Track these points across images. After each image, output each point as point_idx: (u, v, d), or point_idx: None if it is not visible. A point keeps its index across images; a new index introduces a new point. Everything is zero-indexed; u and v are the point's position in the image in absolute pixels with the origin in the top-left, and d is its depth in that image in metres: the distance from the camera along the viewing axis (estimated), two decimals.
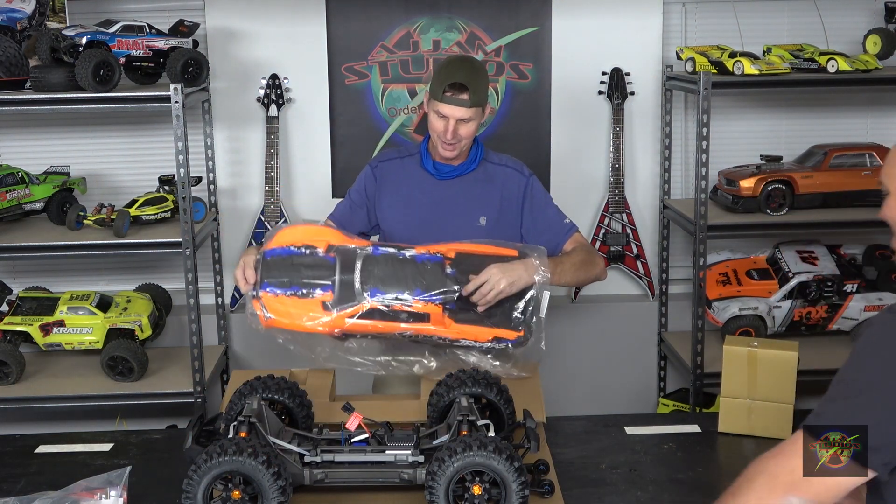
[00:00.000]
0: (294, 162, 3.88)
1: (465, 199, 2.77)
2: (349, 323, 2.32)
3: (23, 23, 3.42)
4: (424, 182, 2.79)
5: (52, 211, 3.56)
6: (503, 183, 2.80)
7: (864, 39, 3.61)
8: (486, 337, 2.38)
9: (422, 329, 2.35)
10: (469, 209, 2.76)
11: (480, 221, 2.76)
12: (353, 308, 2.32)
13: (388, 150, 2.93)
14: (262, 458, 1.88)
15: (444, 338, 2.37)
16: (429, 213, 2.76)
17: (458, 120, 2.64)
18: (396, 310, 2.33)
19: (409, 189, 2.79)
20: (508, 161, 2.85)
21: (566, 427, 2.49)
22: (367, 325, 2.34)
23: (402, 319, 2.34)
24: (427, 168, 2.79)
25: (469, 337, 2.37)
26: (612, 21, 3.81)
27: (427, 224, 2.73)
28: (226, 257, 3.92)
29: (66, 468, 2.30)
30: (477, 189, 2.78)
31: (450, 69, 2.67)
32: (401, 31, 3.81)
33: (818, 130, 3.93)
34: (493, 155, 2.86)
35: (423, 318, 2.34)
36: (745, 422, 2.42)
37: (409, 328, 2.35)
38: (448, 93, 2.63)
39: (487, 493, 1.91)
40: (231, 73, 3.79)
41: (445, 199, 2.77)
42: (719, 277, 3.71)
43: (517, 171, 2.83)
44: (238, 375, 2.50)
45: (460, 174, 2.78)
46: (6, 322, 3.48)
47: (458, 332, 2.36)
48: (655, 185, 3.95)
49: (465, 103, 2.63)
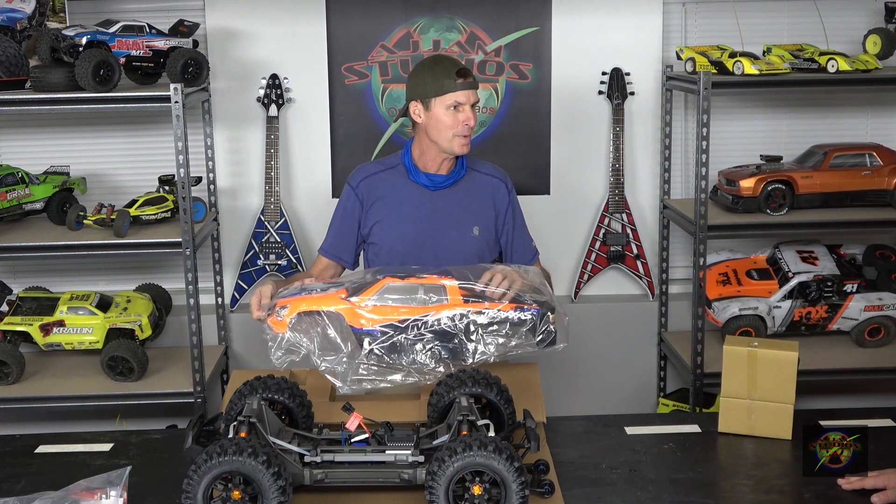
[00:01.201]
0: (294, 162, 3.89)
1: (459, 209, 2.75)
2: (369, 305, 2.23)
3: (23, 23, 3.42)
4: (416, 196, 2.75)
5: (52, 211, 3.56)
6: (491, 192, 2.80)
7: (864, 39, 3.61)
8: (509, 307, 2.26)
9: (440, 308, 2.23)
10: (463, 220, 2.75)
11: (474, 231, 2.74)
12: (370, 287, 2.25)
13: (367, 165, 2.86)
14: (262, 458, 1.88)
15: (465, 312, 2.24)
16: (424, 227, 2.73)
17: (474, 105, 2.67)
18: (413, 283, 2.24)
19: (399, 204, 2.75)
20: (493, 170, 2.84)
21: (566, 427, 2.49)
22: (387, 309, 2.23)
23: (419, 299, 2.23)
24: (420, 182, 2.75)
25: (492, 307, 2.25)
26: (612, 21, 3.81)
27: (423, 237, 2.71)
28: (226, 257, 3.92)
29: (66, 468, 2.30)
30: (468, 198, 2.76)
31: (443, 63, 2.68)
32: (401, 31, 3.81)
33: (818, 130, 3.94)
34: (477, 163, 2.85)
35: (439, 292, 2.24)
36: (745, 422, 2.42)
37: (427, 309, 2.22)
38: (460, 80, 2.63)
39: (487, 493, 1.91)
40: (231, 73, 3.79)
41: (439, 211, 2.74)
42: (719, 277, 3.71)
43: (502, 182, 2.83)
44: (238, 375, 2.50)
45: (453, 182, 2.76)
46: (6, 322, 3.48)
47: (479, 305, 2.25)
48: (655, 185, 3.95)
49: (475, 85, 2.67)
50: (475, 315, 2.23)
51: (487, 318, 2.23)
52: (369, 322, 2.21)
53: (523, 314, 2.25)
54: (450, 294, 2.23)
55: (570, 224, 3.94)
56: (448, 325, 2.22)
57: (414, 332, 2.21)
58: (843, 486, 2.14)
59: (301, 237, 3.89)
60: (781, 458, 2.31)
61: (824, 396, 3.72)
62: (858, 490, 2.12)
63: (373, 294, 2.23)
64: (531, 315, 2.25)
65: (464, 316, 2.22)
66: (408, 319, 2.21)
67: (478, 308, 2.23)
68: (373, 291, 2.23)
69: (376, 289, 2.24)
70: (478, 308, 2.23)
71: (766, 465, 2.28)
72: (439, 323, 2.21)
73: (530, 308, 2.25)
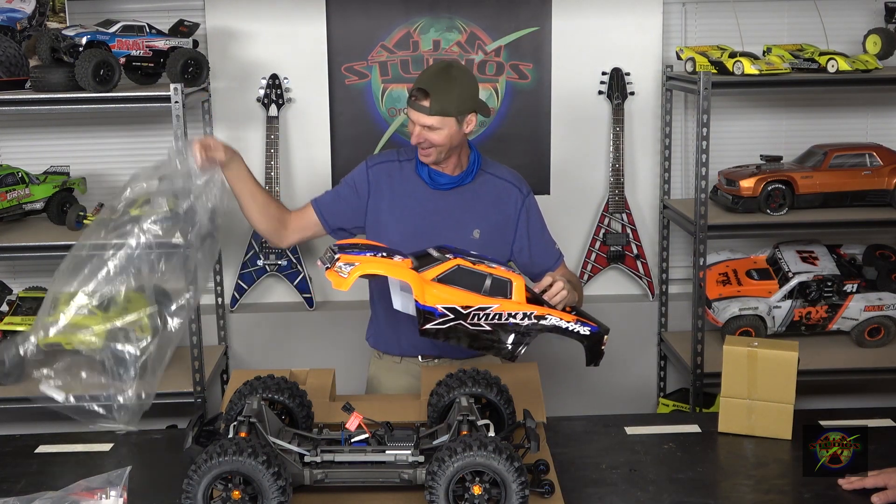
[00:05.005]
0: (294, 162, 3.89)
1: (461, 211, 2.73)
2: (437, 283, 2.16)
3: (23, 23, 3.42)
4: (418, 190, 2.74)
5: (52, 211, 3.56)
6: (500, 197, 2.76)
7: (864, 39, 3.61)
8: (571, 318, 2.25)
9: (505, 304, 2.19)
10: (463, 222, 2.72)
11: (474, 235, 2.71)
12: (440, 265, 2.19)
13: (388, 151, 2.88)
14: (262, 458, 1.88)
15: (529, 314, 2.21)
16: (422, 223, 2.71)
17: (424, 126, 2.60)
18: (481, 271, 2.19)
19: (403, 196, 2.74)
20: (508, 175, 2.80)
21: (566, 427, 2.49)
22: (455, 292, 2.17)
23: (485, 290, 2.19)
24: (422, 176, 2.73)
25: (555, 315, 2.23)
26: (612, 21, 3.81)
27: (420, 233, 2.66)
28: (226, 257, 3.92)
29: (66, 468, 2.30)
30: (472, 201, 2.74)
31: (423, 74, 2.64)
32: (401, 31, 3.81)
33: (818, 130, 3.94)
34: (495, 166, 2.81)
35: (504, 287, 2.20)
36: (745, 422, 2.42)
37: (491, 302, 2.17)
38: (412, 97, 2.60)
39: (487, 493, 1.91)
40: (231, 73, 3.79)
41: (440, 210, 2.72)
42: (719, 277, 3.71)
43: (516, 187, 2.78)
44: (238, 375, 2.50)
45: (457, 185, 2.73)
46: (6, 322, 3.48)
47: (544, 310, 2.22)
48: (655, 185, 3.95)
49: (424, 110, 2.57)
50: (539, 318, 2.21)
51: (550, 324, 2.21)
52: (435, 300, 2.15)
53: (583, 328, 2.25)
54: (515, 291, 2.20)
55: (570, 224, 3.94)
56: (510, 323, 2.18)
57: (474, 321, 2.17)
58: (844, 486, 2.14)
59: None
60: (781, 458, 2.32)
61: (824, 396, 3.72)
62: (858, 490, 2.12)
63: (442, 272, 2.18)
64: (589, 331, 2.25)
65: (526, 316, 2.20)
66: (470, 307, 2.16)
67: (544, 312, 2.21)
68: (442, 269, 2.17)
69: (446, 267, 2.18)
70: (544, 312, 2.21)
71: (766, 465, 2.28)
72: (501, 318, 2.18)
73: (590, 325, 2.25)
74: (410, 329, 2.80)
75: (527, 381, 2.53)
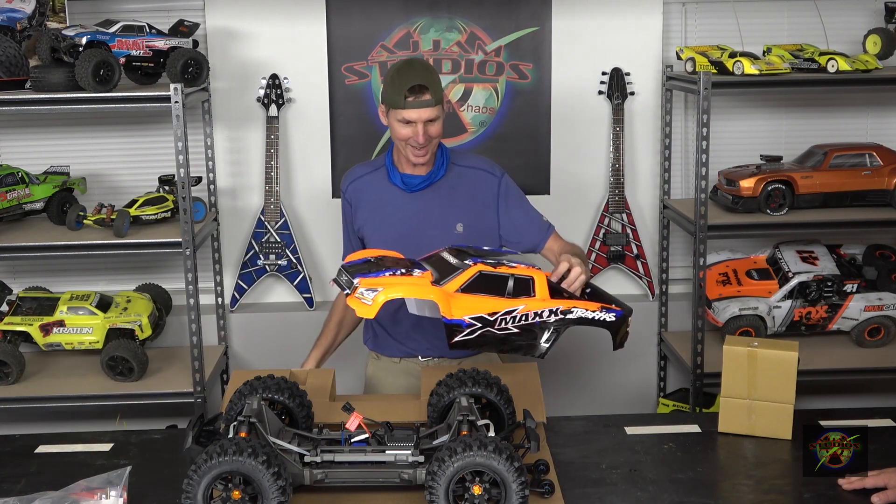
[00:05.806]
0: (294, 162, 3.89)
1: (440, 208, 2.74)
2: (461, 294, 2.14)
3: (23, 23, 3.42)
4: (395, 197, 2.76)
5: (52, 211, 3.56)
6: (475, 185, 2.77)
7: (864, 39, 3.61)
8: (595, 306, 2.23)
9: (530, 304, 2.17)
10: (444, 218, 2.73)
11: (458, 229, 2.72)
12: (461, 273, 2.16)
13: (356, 168, 2.88)
14: (262, 458, 1.88)
15: (554, 310, 2.19)
16: (405, 227, 2.73)
17: (426, 121, 2.62)
18: (503, 273, 2.17)
19: (382, 205, 2.76)
20: (478, 162, 2.82)
21: (566, 427, 2.49)
22: (478, 302, 2.15)
23: (508, 292, 2.17)
24: (395, 182, 2.75)
25: (580, 306, 2.21)
26: (612, 21, 3.81)
27: (405, 238, 2.68)
28: (226, 257, 3.92)
29: (66, 468, 2.30)
30: (449, 196, 2.75)
31: (403, 74, 2.63)
32: (401, 31, 3.81)
33: (818, 130, 3.94)
34: (462, 157, 2.84)
35: (527, 285, 2.18)
36: (745, 422, 2.42)
37: (516, 304, 2.16)
38: (410, 97, 2.60)
39: (487, 493, 1.91)
40: (231, 73, 3.79)
41: (419, 212, 2.74)
42: (719, 277, 3.72)
43: (488, 171, 2.79)
44: (238, 375, 2.50)
45: (430, 183, 2.74)
46: (6, 322, 3.48)
47: (569, 303, 2.21)
48: (655, 185, 3.95)
49: (428, 103, 2.60)
50: (565, 313, 2.19)
51: (577, 316, 2.20)
52: (462, 312, 2.13)
53: (608, 315, 2.23)
54: (538, 287, 2.19)
55: (570, 224, 3.92)
56: (537, 322, 2.18)
57: (501, 325, 2.16)
58: (844, 486, 2.14)
59: (301, 237, 3.89)
60: (781, 458, 2.32)
61: (824, 396, 3.72)
62: (858, 490, 2.12)
63: (465, 282, 2.16)
64: (615, 317, 2.23)
65: (552, 313, 2.19)
66: (497, 313, 2.15)
67: (569, 305, 2.20)
68: (464, 279, 2.16)
69: (468, 276, 2.16)
70: (569, 305, 2.20)
71: (766, 465, 2.28)
72: (528, 319, 2.17)
73: (614, 310, 2.23)
74: (409, 330, 2.81)
75: (527, 381, 2.53)
